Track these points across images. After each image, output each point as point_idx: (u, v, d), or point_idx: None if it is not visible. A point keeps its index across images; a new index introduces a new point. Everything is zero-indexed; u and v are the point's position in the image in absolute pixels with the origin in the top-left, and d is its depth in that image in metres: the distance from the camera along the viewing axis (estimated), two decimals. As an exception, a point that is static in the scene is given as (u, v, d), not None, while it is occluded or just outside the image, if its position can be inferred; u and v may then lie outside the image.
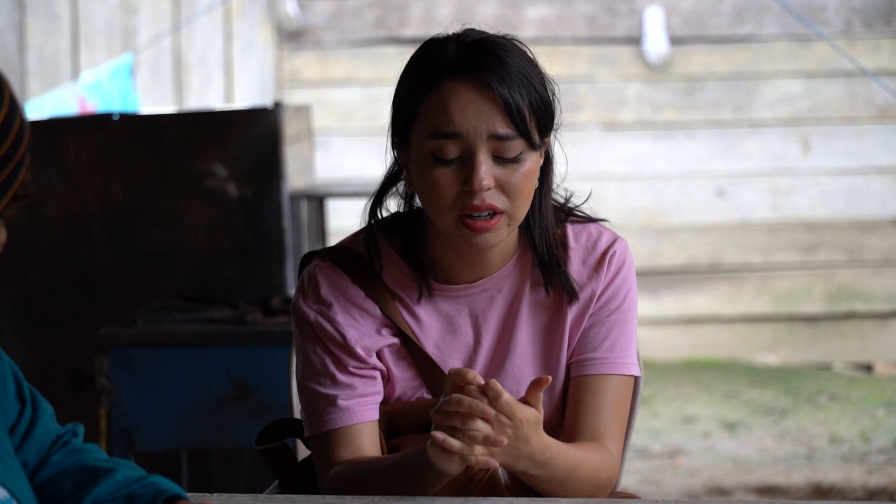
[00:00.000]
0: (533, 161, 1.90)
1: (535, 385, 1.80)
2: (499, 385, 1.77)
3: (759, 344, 7.56)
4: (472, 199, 1.87)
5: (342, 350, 1.97)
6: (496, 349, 2.01)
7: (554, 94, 1.94)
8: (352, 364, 1.97)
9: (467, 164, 1.87)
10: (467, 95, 1.86)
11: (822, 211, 7.57)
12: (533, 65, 1.92)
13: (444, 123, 1.86)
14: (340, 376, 1.97)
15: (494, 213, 1.88)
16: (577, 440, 1.98)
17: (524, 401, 1.80)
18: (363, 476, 1.91)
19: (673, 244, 7.58)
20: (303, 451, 2.26)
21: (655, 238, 7.56)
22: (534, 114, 1.88)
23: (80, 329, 4.27)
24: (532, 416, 1.79)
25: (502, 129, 1.86)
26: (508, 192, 1.88)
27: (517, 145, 1.87)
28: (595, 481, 1.92)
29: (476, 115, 1.86)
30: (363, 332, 1.98)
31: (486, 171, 1.86)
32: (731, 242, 7.59)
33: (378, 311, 1.99)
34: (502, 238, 1.92)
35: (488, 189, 1.87)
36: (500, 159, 1.87)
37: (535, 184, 1.93)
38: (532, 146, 1.89)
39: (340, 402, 1.96)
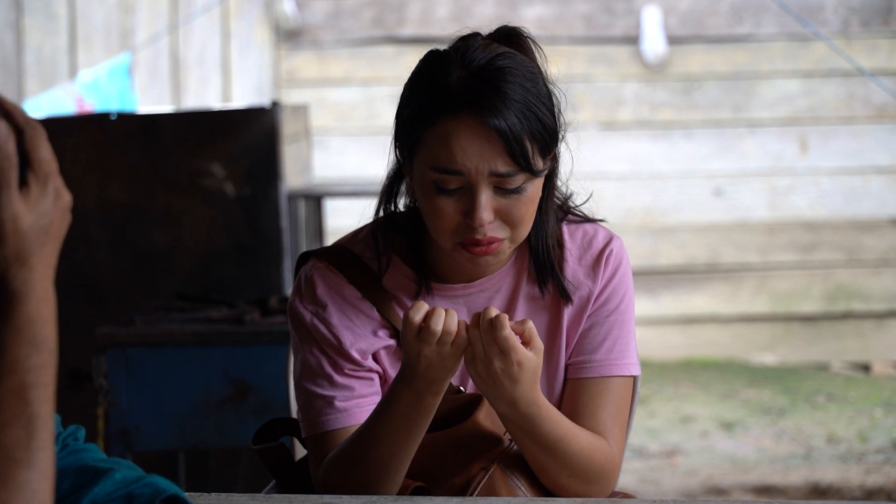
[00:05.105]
0: (535, 187, 1.90)
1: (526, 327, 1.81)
2: (505, 318, 1.78)
3: (756, 344, 7.56)
4: (474, 233, 1.87)
5: (337, 353, 1.97)
6: (492, 349, 2.01)
7: (559, 111, 1.94)
8: (347, 367, 1.97)
9: (468, 198, 1.87)
10: (469, 134, 1.85)
11: (821, 211, 7.57)
12: (537, 85, 1.91)
13: (447, 161, 1.86)
14: (337, 378, 1.97)
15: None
16: None
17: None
18: (353, 443, 1.90)
19: (671, 244, 7.59)
20: (300, 451, 2.26)
21: (653, 238, 7.56)
22: (536, 143, 1.88)
23: (78, 329, 4.27)
24: (528, 362, 1.80)
25: (503, 167, 1.85)
26: (510, 222, 1.88)
27: (519, 178, 1.87)
28: (589, 462, 1.91)
29: (478, 156, 1.85)
30: (359, 334, 1.97)
31: (487, 205, 1.86)
32: (730, 242, 7.59)
33: (374, 312, 1.98)
34: (504, 259, 1.94)
35: (489, 223, 1.87)
36: (502, 190, 1.87)
37: (537, 205, 1.93)
38: (535, 175, 1.89)
39: (338, 404, 1.96)
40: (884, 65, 7.46)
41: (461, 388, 2.00)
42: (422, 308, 1.80)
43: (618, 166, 7.53)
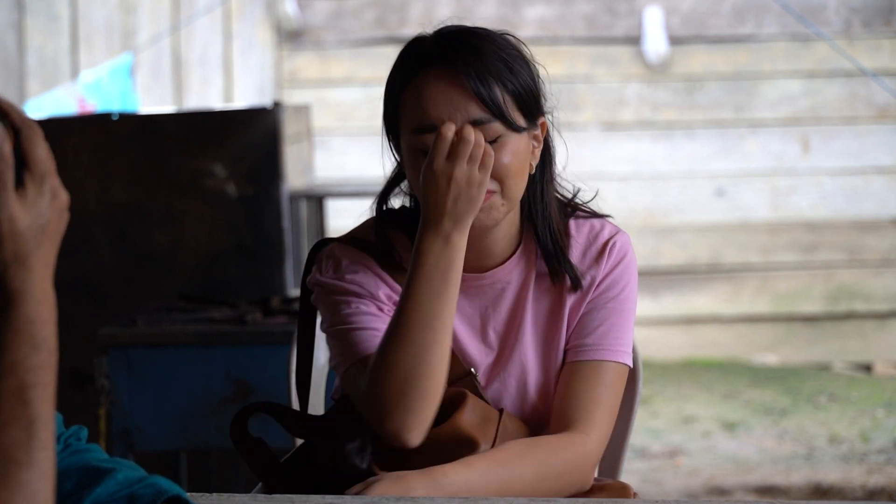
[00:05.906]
0: (517, 143, 1.91)
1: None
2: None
3: (758, 344, 7.56)
4: None
5: (370, 298, 1.96)
6: (504, 339, 2.02)
7: (537, 77, 1.95)
8: (382, 306, 1.96)
9: None
10: (439, 85, 1.89)
11: (822, 211, 7.57)
12: (511, 49, 1.93)
13: (421, 117, 1.89)
14: (376, 311, 1.96)
15: None
16: (556, 424, 1.97)
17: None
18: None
19: (673, 244, 7.58)
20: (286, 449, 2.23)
21: (655, 238, 7.56)
22: (510, 95, 1.90)
23: (79, 329, 4.27)
24: (394, 483, 1.82)
25: (476, 113, 1.88)
26: (495, 174, 1.88)
27: (496, 127, 1.89)
28: (545, 484, 1.90)
29: (449, 104, 1.88)
30: (386, 294, 1.97)
31: None
32: (731, 242, 7.58)
33: (398, 287, 1.97)
34: (498, 218, 1.93)
35: None
36: None
37: (526, 166, 1.94)
38: (512, 128, 1.90)
39: (382, 327, 1.93)
40: (886, 65, 7.45)
41: (472, 369, 1.99)
42: (451, 125, 1.84)
43: (620, 167, 7.53)
